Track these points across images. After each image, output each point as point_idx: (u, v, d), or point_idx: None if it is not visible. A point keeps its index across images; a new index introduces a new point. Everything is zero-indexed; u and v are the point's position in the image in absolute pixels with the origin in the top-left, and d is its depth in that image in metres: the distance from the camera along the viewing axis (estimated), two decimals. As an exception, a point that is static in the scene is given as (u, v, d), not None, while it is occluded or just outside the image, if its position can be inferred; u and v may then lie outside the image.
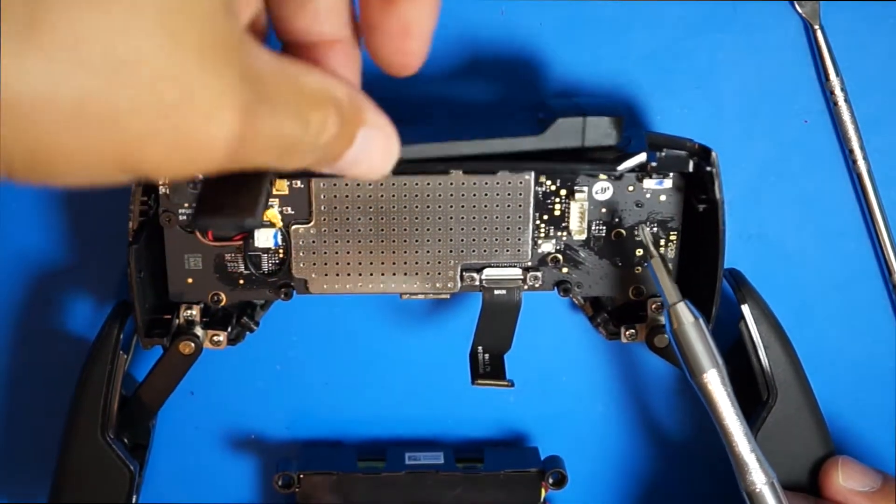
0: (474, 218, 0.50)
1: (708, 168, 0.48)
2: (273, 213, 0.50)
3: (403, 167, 0.42)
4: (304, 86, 0.34)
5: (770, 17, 0.53)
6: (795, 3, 0.53)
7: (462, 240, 0.51)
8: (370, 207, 0.50)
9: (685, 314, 0.48)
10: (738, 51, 0.53)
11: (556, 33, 0.53)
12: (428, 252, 0.51)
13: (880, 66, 0.54)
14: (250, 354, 0.57)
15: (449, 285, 0.52)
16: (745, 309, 0.52)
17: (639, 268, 0.53)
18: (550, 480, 0.55)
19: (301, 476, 0.54)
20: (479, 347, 0.52)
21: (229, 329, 0.53)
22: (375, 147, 0.38)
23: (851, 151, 0.54)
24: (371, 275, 0.51)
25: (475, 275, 0.52)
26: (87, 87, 0.27)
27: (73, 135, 0.27)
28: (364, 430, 0.59)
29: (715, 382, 0.48)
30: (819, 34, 0.53)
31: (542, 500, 0.55)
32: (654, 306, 0.52)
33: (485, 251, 0.51)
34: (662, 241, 0.52)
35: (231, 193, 0.35)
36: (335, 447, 0.58)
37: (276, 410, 0.58)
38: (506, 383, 0.51)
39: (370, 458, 0.56)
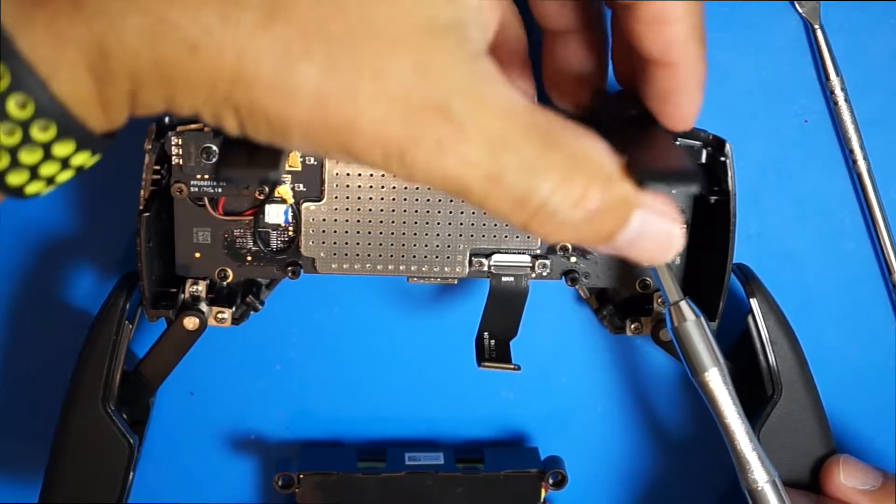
0: None
1: (722, 158, 0.49)
2: (285, 189, 0.50)
3: None
4: (560, 142, 0.35)
5: (770, 16, 0.53)
6: (795, 3, 0.53)
7: (472, 224, 0.51)
8: (382, 187, 0.50)
9: (687, 312, 0.48)
10: (738, 51, 0.54)
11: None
12: (438, 235, 0.51)
13: (880, 66, 0.54)
14: (250, 355, 0.57)
15: (457, 270, 0.52)
16: (754, 303, 0.52)
17: None
18: (550, 480, 0.55)
19: (301, 476, 0.54)
20: (485, 333, 0.52)
21: (234, 307, 0.52)
22: (653, 233, 0.37)
23: (851, 151, 0.54)
24: (380, 256, 0.51)
25: (484, 260, 0.52)
26: (326, 89, 0.33)
27: (304, 115, 0.33)
28: (364, 430, 0.59)
29: (716, 381, 0.48)
30: (819, 34, 0.53)
31: (542, 500, 0.55)
32: (660, 299, 0.52)
33: (494, 236, 0.51)
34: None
35: (253, 148, 0.36)
36: (335, 447, 0.58)
37: (276, 410, 0.58)
38: (512, 367, 0.51)
39: (370, 458, 0.56)
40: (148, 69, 0.33)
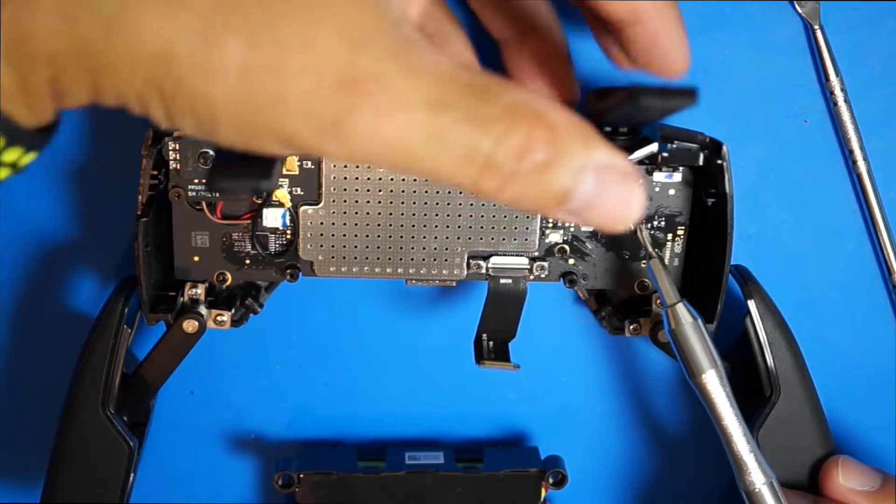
0: (483, 204, 0.50)
1: (718, 161, 0.49)
2: (282, 193, 0.51)
3: None
4: (496, 96, 0.33)
5: (770, 17, 0.53)
6: (795, 3, 0.53)
7: (470, 226, 0.51)
8: (380, 190, 0.50)
9: (684, 315, 0.48)
10: (738, 51, 0.54)
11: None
12: (436, 238, 0.51)
13: (880, 66, 0.54)
14: (250, 354, 0.57)
15: (455, 272, 0.52)
16: (752, 304, 0.52)
17: (645, 262, 0.52)
18: (550, 480, 0.55)
19: (301, 476, 0.54)
20: (484, 335, 0.52)
21: (233, 310, 0.53)
22: (610, 192, 0.35)
23: (851, 151, 0.54)
24: (378, 259, 0.51)
25: (482, 262, 0.52)
26: (251, 63, 0.32)
27: (230, 94, 0.32)
28: (364, 430, 0.59)
29: (714, 383, 0.48)
30: (819, 34, 0.53)
31: (542, 500, 0.55)
32: (658, 301, 0.52)
33: (492, 239, 0.51)
34: (670, 236, 0.52)
35: (247, 157, 0.35)
36: (335, 447, 0.58)
37: (276, 410, 0.58)
38: (511, 366, 0.51)
39: (370, 458, 0.56)
40: (66, 51, 0.31)
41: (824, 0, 0.53)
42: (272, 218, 0.51)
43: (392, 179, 0.50)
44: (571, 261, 0.53)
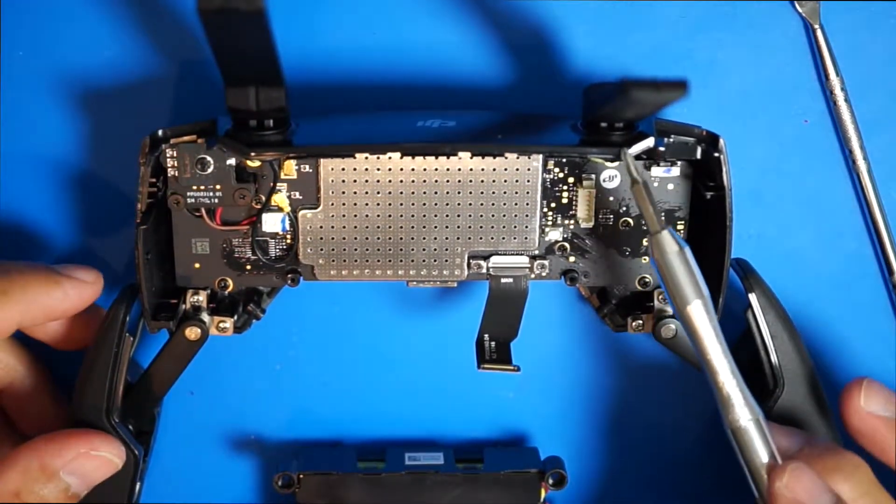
0: (482, 205, 0.50)
1: (716, 154, 0.49)
2: (281, 198, 0.50)
3: (413, 149, 0.47)
4: None
5: (770, 16, 0.53)
6: (795, 3, 0.53)
7: (469, 227, 0.51)
8: (378, 193, 0.50)
9: (669, 243, 0.46)
10: (738, 50, 0.53)
11: (556, 34, 0.53)
12: (435, 239, 0.51)
13: (880, 66, 0.54)
14: (250, 355, 0.57)
15: (456, 273, 0.51)
16: (753, 298, 0.52)
17: (646, 258, 0.52)
18: (550, 480, 0.55)
19: (301, 476, 0.54)
20: (486, 335, 0.52)
21: (236, 316, 0.52)
22: None
23: (851, 151, 0.54)
24: (378, 261, 0.51)
25: (482, 262, 0.51)
26: None
27: None
28: (364, 430, 0.59)
29: (699, 314, 0.46)
30: (819, 34, 0.53)
31: (542, 500, 0.55)
32: (660, 296, 0.52)
33: (492, 238, 0.51)
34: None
35: None
36: (335, 447, 0.58)
37: (276, 410, 0.58)
38: (512, 368, 0.51)
39: (370, 458, 0.56)
40: None
41: (824, 0, 0.52)
42: (271, 223, 0.51)
43: (390, 181, 0.50)
44: (572, 258, 0.53)
